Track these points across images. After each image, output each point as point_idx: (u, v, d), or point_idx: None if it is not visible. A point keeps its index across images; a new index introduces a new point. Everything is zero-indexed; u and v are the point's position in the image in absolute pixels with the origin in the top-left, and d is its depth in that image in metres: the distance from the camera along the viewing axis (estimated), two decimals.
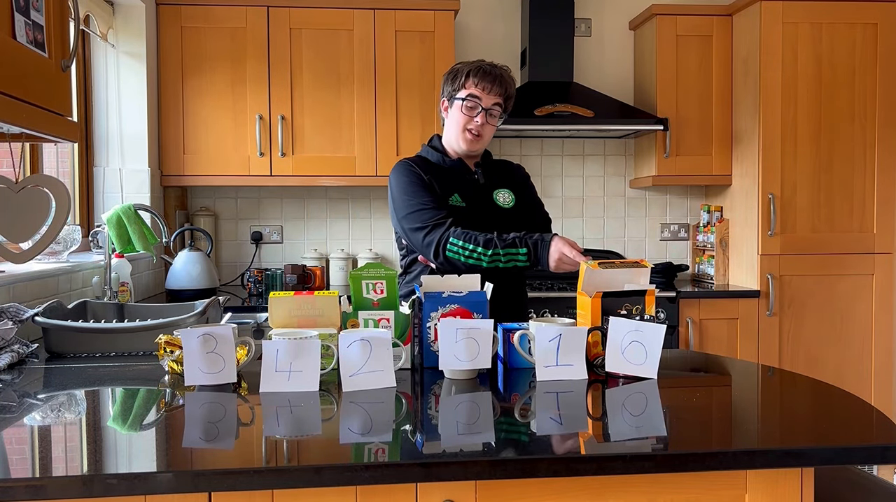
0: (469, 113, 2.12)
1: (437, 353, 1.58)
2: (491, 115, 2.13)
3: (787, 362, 3.46)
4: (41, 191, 1.75)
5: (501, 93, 2.13)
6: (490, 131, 2.17)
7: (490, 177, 2.24)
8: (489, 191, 2.21)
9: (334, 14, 3.48)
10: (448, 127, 2.20)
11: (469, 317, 1.65)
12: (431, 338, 1.66)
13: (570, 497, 1.17)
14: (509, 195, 2.22)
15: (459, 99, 2.13)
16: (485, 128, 2.14)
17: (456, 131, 2.16)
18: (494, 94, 2.12)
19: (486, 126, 2.14)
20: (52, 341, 1.87)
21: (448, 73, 2.21)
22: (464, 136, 2.14)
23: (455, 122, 2.15)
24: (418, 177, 2.13)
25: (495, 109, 2.14)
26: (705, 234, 3.88)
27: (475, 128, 2.12)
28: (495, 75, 2.13)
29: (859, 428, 1.30)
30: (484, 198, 2.18)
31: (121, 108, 3.32)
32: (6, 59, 1.40)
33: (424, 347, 1.66)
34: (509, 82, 2.16)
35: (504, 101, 2.15)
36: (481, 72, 2.12)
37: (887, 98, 3.48)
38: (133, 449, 1.17)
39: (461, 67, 2.17)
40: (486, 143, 2.20)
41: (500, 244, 1.98)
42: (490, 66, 2.15)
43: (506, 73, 2.16)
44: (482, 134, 2.14)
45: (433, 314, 1.66)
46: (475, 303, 1.67)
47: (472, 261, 1.98)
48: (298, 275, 3.53)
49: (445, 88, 2.20)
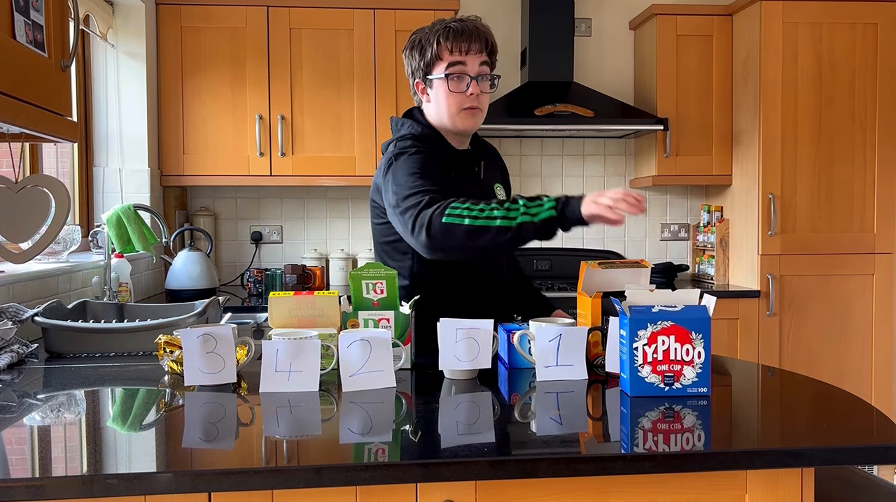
0: (458, 88, 1.79)
1: (646, 380, 1.39)
2: (483, 79, 1.81)
3: (787, 362, 3.46)
4: (41, 191, 1.74)
5: (483, 48, 1.80)
6: (487, 98, 1.86)
7: (486, 168, 1.94)
8: (489, 185, 1.94)
9: (334, 14, 3.47)
10: (436, 109, 1.85)
11: (687, 336, 1.40)
12: (640, 361, 1.39)
13: (571, 497, 1.17)
14: (501, 191, 1.99)
15: (442, 76, 1.80)
16: (482, 98, 1.83)
17: (449, 112, 1.83)
18: (477, 52, 1.79)
19: (482, 95, 1.83)
20: (52, 341, 1.87)
21: (410, 45, 1.85)
22: (462, 116, 1.83)
23: (445, 102, 1.82)
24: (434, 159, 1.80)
25: (484, 70, 1.81)
26: (705, 234, 3.88)
27: (472, 102, 1.81)
28: (469, 30, 1.78)
29: (859, 428, 1.30)
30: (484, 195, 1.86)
31: (121, 108, 3.32)
32: (6, 59, 1.40)
33: (631, 372, 1.40)
34: (488, 32, 1.83)
35: (490, 57, 1.83)
36: (452, 32, 1.78)
37: (887, 98, 3.48)
38: (133, 449, 1.17)
39: (425, 35, 1.82)
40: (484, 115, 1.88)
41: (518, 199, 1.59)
42: (458, 21, 1.81)
43: (479, 23, 1.82)
44: (481, 106, 1.84)
45: (641, 332, 1.40)
46: (694, 320, 1.40)
47: (479, 222, 1.55)
48: (298, 275, 3.53)
49: (413, 65, 1.85)
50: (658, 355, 1.40)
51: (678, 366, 1.41)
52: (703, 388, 1.41)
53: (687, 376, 1.41)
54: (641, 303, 1.42)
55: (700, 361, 1.41)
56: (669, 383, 1.41)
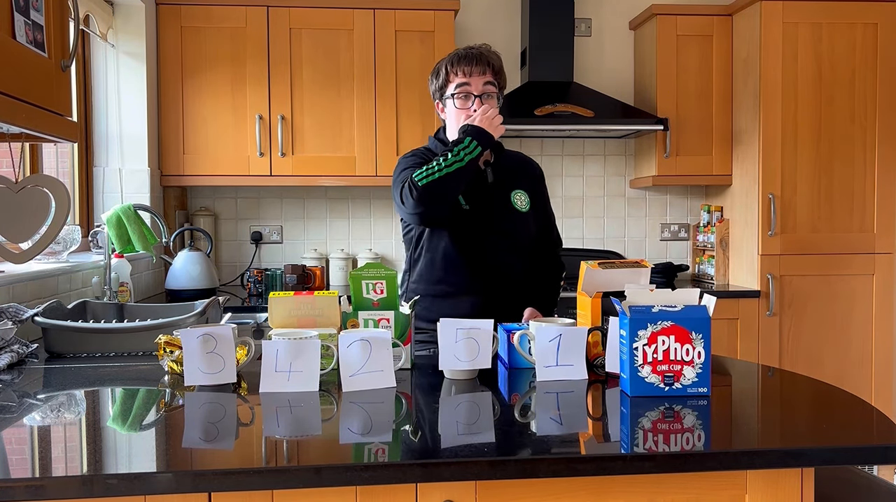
0: (464, 104, 2.03)
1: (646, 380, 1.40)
2: (488, 97, 2.03)
3: (787, 362, 3.46)
4: (41, 191, 1.74)
5: (487, 70, 2.03)
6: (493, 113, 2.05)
7: (503, 174, 2.08)
8: (504, 191, 2.08)
9: (334, 14, 3.47)
10: (450, 125, 2.10)
11: (687, 336, 1.41)
12: (640, 361, 1.41)
13: (571, 497, 1.17)
14: (524, 197, 2.11)
15: (450, 95, 2.05)
16: None
17: (458, 127, 2.03)
18: (480, 74, 2.01)
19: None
20: (52, 341, 1.87)
21: (431, 73, 2.14)
22: None
23: (454, 117, 2.05)
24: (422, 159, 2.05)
25: (489, 89, 2.03)
26: (705, 234, 3.88)
27: None
28: (474, 55, 2.03)
29: (859, 428, 1.30)
30: (497, 200, 2.06)
31: (121, 108, 3.32)
32: (6, 59, 1.40)
33: (631, 372, 1.41)
34: (492, 57, 2.05)
35: (495, 77, 2.04)
36: (458, 57, 2.03)
37: (887, 98, 3.48)
38: (133, 449, 1.17)
39: (441, 62, 2.09)
40: None
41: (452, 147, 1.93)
42: (466, 48, 2.06)
43: (485, 50, 2.06)
44: None
45: (641, 332, 1.41)
46: (694, 320, 1.40)
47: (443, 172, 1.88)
48: (298, 275, 3.53)
49: (432, 89, 2.13)
50: (658, 355, 1.40)
51: (678, 366, 1.41)
52: (703, 388, 1.41)
53: (687, 376, 1.41)
54: (641, 303, 1.43)
55: (700, 361, 1.41)
56: (669, 383, 1.41)
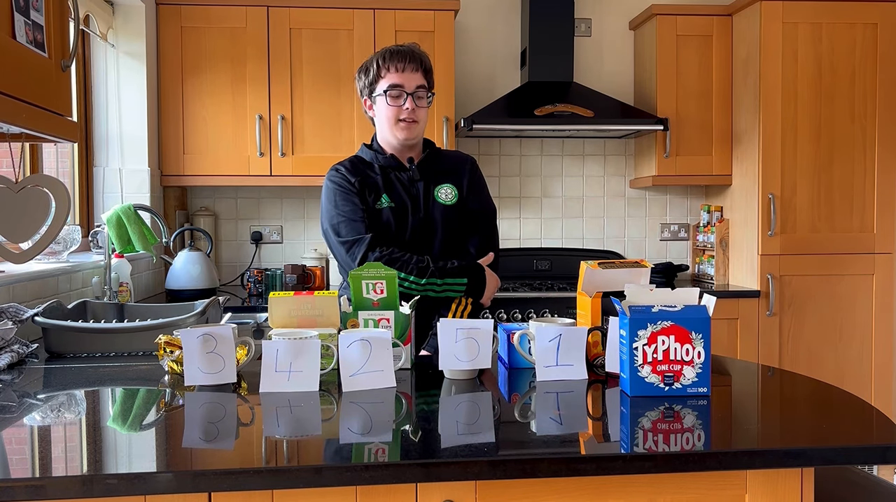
0: (395, 102, 2.06)
1: (646, 380, 1.41)
2: (419, 97, 2.08)
3: (787, 362, 3.46)
4: (41, 191, 1.74)
5: (419, 68, 2.08)
6: (424, 114, 2.12)
7: (429, 171, 2.15)
8: (429, 187, 2.14)
9: (334, 14, 3.47)
10: (379, 123, 2.13)
11: (686, 336, 1.41)
12: (640, 361, 1.40)
13: (570, 497, 1.17)
14: (452, 190, 2.15)
15: (381, 93, 2.08)
16: (418, 113, 2.09)
17: (388, 125, 2.09)
18: (412, 72, 2.06)
19: (419, 110, 2.08)
20: (52, 341, 1.87)
21: (358, 70, 2.17)
22: (398, 127, 2.08)
23: (385, 116, 2.09)
24: (343, 181, 2.09)
25: (420, 91, 2.08)
26: (705, 234, 3.88)
27: (407, 115, 2.07)
28: (405, 52, 2.08)
29: (859, 428, 1.30)
30: (421, 196, 2.12)
31: (121, 108, 3.32)
32: (6, 59, 1.40)
33: (631, 372, 1.41)
34: (422, 55, 2.11)
35: (425, 77, 2.10)
36: (390, 53, 2.08)
37: (887, 98, 3.47)
38: (133, 449, 1.17)
39: (370, 59, 2.13)
40: (424, 127, 2.14)
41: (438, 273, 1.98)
42: (396, 46, 2.11)
43: (415, 48, 2.12)
44: (416, 118, 2.09)
45: (641, 332, 1.40)
46: (694, 320, 1.40)
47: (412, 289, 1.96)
48: (298, 275, 3.53)
49: (361, 85, 2.15)
50: (658, 355, 1.40)
51: (678, 366, 1.41)
52: (702, 388, 1.41)
53: (687, 376, 1.41)
54: (641, 303, 1.43)
55: (700, 361, 1.41)
56: (669, 383, 1.41)
